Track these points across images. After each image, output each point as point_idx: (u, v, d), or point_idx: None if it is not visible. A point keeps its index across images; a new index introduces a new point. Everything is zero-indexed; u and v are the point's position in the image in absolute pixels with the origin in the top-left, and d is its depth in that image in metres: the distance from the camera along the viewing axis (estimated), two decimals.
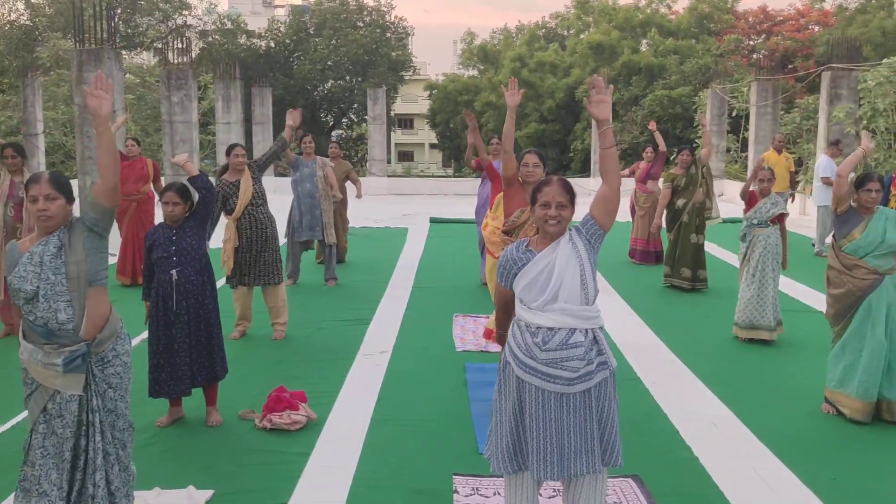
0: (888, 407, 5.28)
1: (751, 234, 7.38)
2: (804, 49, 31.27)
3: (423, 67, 50.29)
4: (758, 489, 4.39)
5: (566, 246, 3.38)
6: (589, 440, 3.33)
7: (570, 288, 3.32)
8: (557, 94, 32.99)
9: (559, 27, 40.75)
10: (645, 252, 11.51)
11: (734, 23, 35.19)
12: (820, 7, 35.55)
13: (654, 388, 6.10)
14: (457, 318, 8.17)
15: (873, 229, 5.22)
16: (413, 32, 40.29)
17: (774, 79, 20.23)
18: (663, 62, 31.57)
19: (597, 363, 3.35)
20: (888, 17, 30.76)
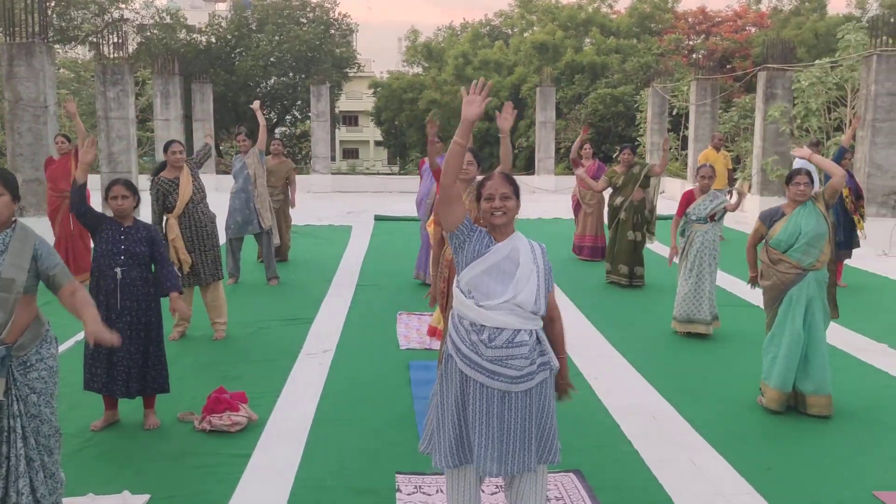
0: (802, 399, 5.43)
1: (689, 230, 7.53)
2: (742, 49, 31.99)
3: (367, 64, 50.06)
4: (695, 481, 4.47)
5: (527, 253, 3.41)
6: (527, 439, 3.36)
7: (526, 295, 3.34)
8: (502, 92, 33.12)
9: (503, 25, 40.94)
10: (594, 248, 11.64)
11: (674, 23, 35.83)
12: (756, 9, 36.43)
13: (595, 383, 6.16)
14: (401, 317, 8.14)
15: (791, 223, 5.36)
16: (357, 29, 40.08)
17: (713, 78, 20.64)
18: (606, 61, 31.98)
19: (539, 363, 3.39)
20: (820, 20, 31.67)
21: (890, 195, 13.23)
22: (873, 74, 13.14)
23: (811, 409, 5.40)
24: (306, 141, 34.56)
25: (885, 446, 4.97)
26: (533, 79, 31.04)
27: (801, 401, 5.45)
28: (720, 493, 4.32)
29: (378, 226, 15.48)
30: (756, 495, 4.28)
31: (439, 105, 34.85)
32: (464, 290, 3.40)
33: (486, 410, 3.33)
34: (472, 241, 3.39)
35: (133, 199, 5.11)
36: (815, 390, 5.38)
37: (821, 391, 5.38)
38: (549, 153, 24.27)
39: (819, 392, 5.38)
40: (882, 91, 13.04)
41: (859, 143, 13.56)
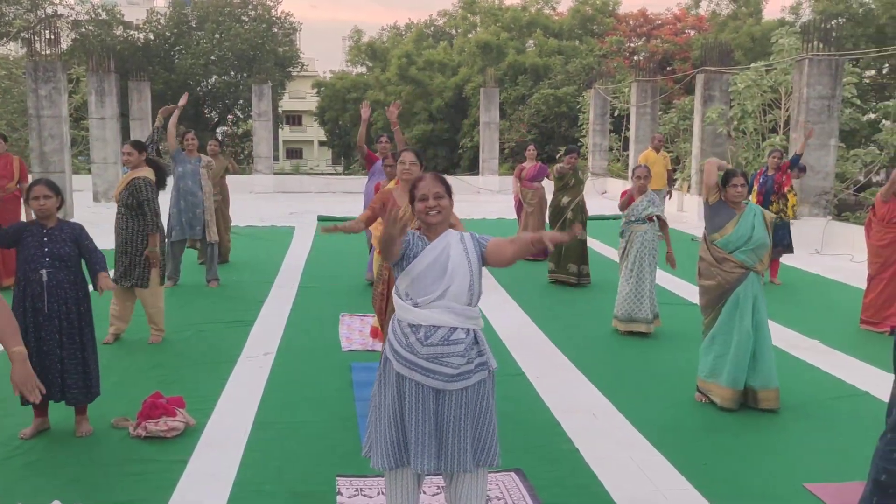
0: (753, 395, 5.55)
1: (629, 230, 7.64)
2: (681, 52, 32.64)
3: (311, 64, 49.62)
4: (635, 477, 4.53)
5: (458, 245, 3.44)
6: (462, 439, 3.37)
7: (458, 287, 3.36)
8: (446, 92, 33.22)
9: (447, 26, 41.03)
10: None
11: (615, 25, 36.37)
12: (695, 13, 37.18)
13: (537, 381, 6.20)
14: (343, 318, 8.08)
15: (743, 225, 5.47)
16: (300, 28, 39.73)
17: (653, 80, 21.00)
18: (548, 62, 32.28)
19: (476, 363, 3.41)
20: (756, 25, 32.47)
21: (822, 195, 13.63)
22: (805, 78, 13.51)
23: (762, 403, 5.52)
24: (248, 141, 34.08)
25: (816, 440, 5.11)
26: (477, 79, 31.19)
27: (751, 396, 5.56)
28: (658, 488, 4.38)
29: (321, 226, 15.33)
30: (692, 490, 4.35)
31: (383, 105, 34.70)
32: (401, 294, 3.42)
33: (421, 408, 3.36)
34: (409, 249, 3.42)
35: (56, 199, 4.98)
36: (765, 385, 5.51)
37: (770, 385, 5.52)
38: (493, 153, 24.39)
39: (768, 386, 5.51)
40: (813, 94, 13.42)
41: (792, 145, 13.92)
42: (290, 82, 41.27)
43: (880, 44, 22.81)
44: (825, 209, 13.66)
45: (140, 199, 6.82)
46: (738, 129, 17.28)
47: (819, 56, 13.44)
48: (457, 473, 3.45)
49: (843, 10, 25.84)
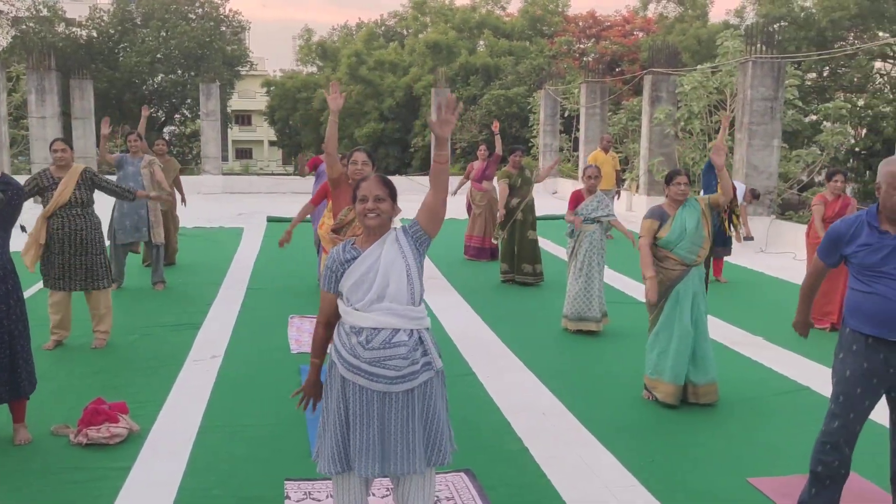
0: (694, 390, 5.64)
1: (578, 230, 7.70)
2: (630, 54, 33.05)
3: (260, 63, 49.08)
4: (583, 475, 4.56)
5: (392, 245, 3.41)
6: (411, 441, 3.35)
7: (396, 287, 3.34)
8: (397, 92, 33.16)
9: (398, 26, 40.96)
10: (480, 249, 11.74)
11: (565, 26, 36.68)
12: (643, 15, 37.70)
13: (487, 381, 6.21)
14: (293, 320, 8.00)
15: (678, 221, 5.56)
16: (249, 27, 39.29)
17: (602, 81, 21.24)
18: (499, 63, 32.43)
19: (421, 363, 3.39)
20: (703, 27, 33.06)
21: (766, 195, 13.92)
22: (749, 80, 13.80)
23: (702, 398, 5.61)
24: (196, 141, 33.58)
25: (760, 435, 5.21)
26: (427, 79, 31.19)
27: (691, 391, 5.64)
28: (606, 486, 4.42)
29: (271, 227, 15.18)
30: (640, 487, 4.40)
31: None
32: (343, 298, 3.40)
33: (365, 412, 3.33)
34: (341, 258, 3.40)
35: None
36: (706, 380, 5.61)
37: (710, 380, 5.61)
38: None
39: (709, 381, 5.61)
40: (757, 96, 13.71)
41: (737, 146, 14.21)
42: (239, 81, 40.77)
43: (821, 47, 23.41)
44: (769, 208, 13.96)
45: (98, 185, 6.80)
46: (684, 129, 17.57)
47: (762, 58, 13.73)
48: (404, 476, 3.42)
49: (785, 14, 26.45)
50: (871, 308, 3.67)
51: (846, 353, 3.78)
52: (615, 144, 22.23)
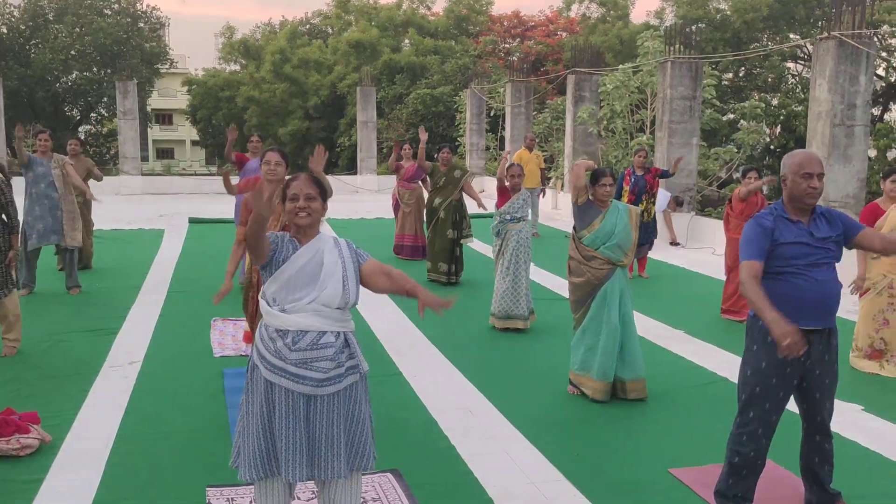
0: (622, 386, 5.73)
1: (504, 229, 7.73)
2: (554, 53, 33.47)
3: (181, 60, 47.94)
4: (509, 471, 4.58)
5: (333, 250, 3.39)
6: (336, 445, 3.32)
7: (332, 291, 3.31)
8: (322, 91, 32.82)
9: (322, 24, 40.56)
10: (413, 247, 11.70)
11: (490, 26, 36.93)
12: (566, 15, 38.22)
13: (414, 381, 6.19)
14: (215, 323, 7.82)
15: (608, 222, 5.64)
16: (168, 23, 38.32)
17: (527, 81, 21.45)
18: (424, 62, 32.43)
19: (347, 366, 3.36)
20: (624, 28, 33.70)
21: (686, 191, 14.28)
22: (668, 79, 14.12)
23: (631, 393, 5.69)
24: (114, 140, 32.57)
25: (681, 427, 5.32)
26: (352, 77, 30.96)
27: (620, 388, 5.73)
28: (532, 481, 4.45)
29: (192, 229, 14.81)
30: (564, 481, 4.44)
31: (257, 102, 33.99)
32: (268, 299, 3.33)
33: (292, 415, 3.28)
34: (278, 252, 3.33)
35: None
36: (633, 376, 5.69)
37: (638, 376, 5.70)
38: (371, 153, 24.29)
39: (637, 377, 5.70)
40: (676, 95, 14.04)
41: (658, 144, 14.53)
42: (158, 79, 39.73)
43: (736, 48, 24.14)
44: (689, 205, 14.32)
45: (4, 201, 6.49)
46: (607, 128, 17.90)
47: (680, 59, 14.07)
48: (328, 479, 3.38)
49: (702, 16, 27.19)
50: (786, 298, 3.76)
51: (760, 344, 3.85)
52: (540, 143, 22.50)
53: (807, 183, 3.75)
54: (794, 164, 3.79)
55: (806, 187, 3.75)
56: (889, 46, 22.85)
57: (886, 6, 21.44)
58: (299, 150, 33.00)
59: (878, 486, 4.45)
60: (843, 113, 10.59)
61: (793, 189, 3.81)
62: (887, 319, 6.40)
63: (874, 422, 5.42)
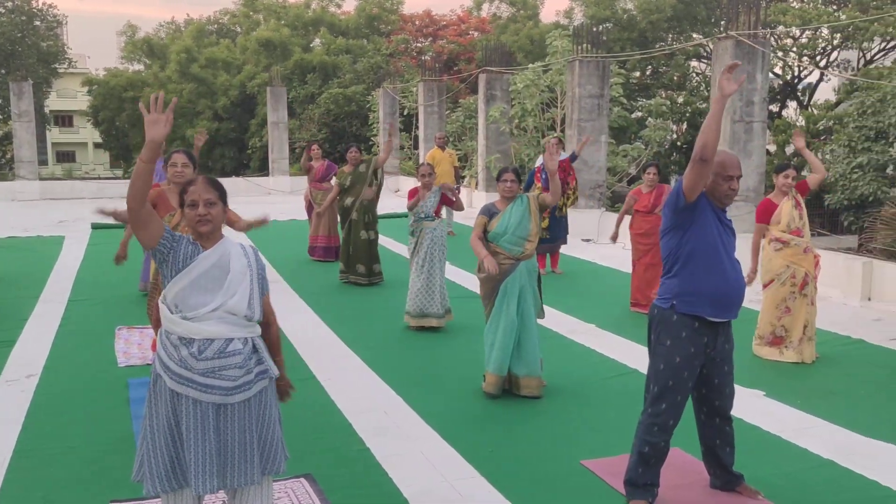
0: (516, 381, 5.77)
1: (419, 227, 7.71)
2: (466, 53, 33.66)
3: (81, 60, 46.14)
4: (425, 471, 4.57)
5: (240, 258, 3.29)
6: (249, 451, 3.23)
7: (239, 299, 3.22)
8: (231, 91, 32.12)
9: (230, 23, 39.73)
10: (327, 248, 11.55)
11: (401, 25, 36.87)
12: (478, 15, 38.51)
13: (328, 384, 6.11)
14: (120, 331, 7.54)
15: (506, 215, 5.69)
16: (66, 21, 36.83)
17: (439, 80, 21.49)
18: (336, 61, 32.13)
19: (256, 372, 3.29)
20: (535, 27, 34.17)
21: (596, 188, 14.56)
22: (577, 78, 14.37)
23: (523, 390, 5.74)
24: (8, 144, 31.10)
25: (592, 418, 5.41)
26: (262, 77, 30.40)
27: (514, 383, 5.77)
28: (447, 479, 4.44)
29: (95, 234, 14.24)
30: (479, 478, 4.46)
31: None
32: (170, 305, 3.20)
33: (201, 426, 3.17)
34: (177, 252, 3.20)
35: None
36: (528, 373, 5.73)
37: (532, 374, 5.74)
38: (283, 154, 23.93)
39: (531, 374, 5.74)
40: (584, 93, 14.30)
41: (568, 142, 14.77)
42: (57, 80, 38.16)
43: (643, 47, 24.77)
44: (599, 201, 14.61)
45: None
46: (519, 126, 18.09)
47: (588, 58, 14.34)
48: (242, 487, 3.29)
49: (610, 16, 27.78)
50: (708, 291, 3.85)
51: (674, 339, 3.93)
52: (454, 142, 22.59)
53: (727, 185, 3.86)
54: (716, 165, 3.87)
55: (727, 189, 3.87)
56: (785, 46, 23.83)
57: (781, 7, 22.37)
58: (208, 152, 32.24)
59: (779, 467, 4.62)
60: (742, 110, 10.98)
61: (713, 189, 3.90)
62: (789, 307, 6.66)
63: (774, 406, 5.63)
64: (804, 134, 7.58)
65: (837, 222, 15.53)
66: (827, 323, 7.63)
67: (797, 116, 24.88)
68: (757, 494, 4.17)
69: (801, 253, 6.63)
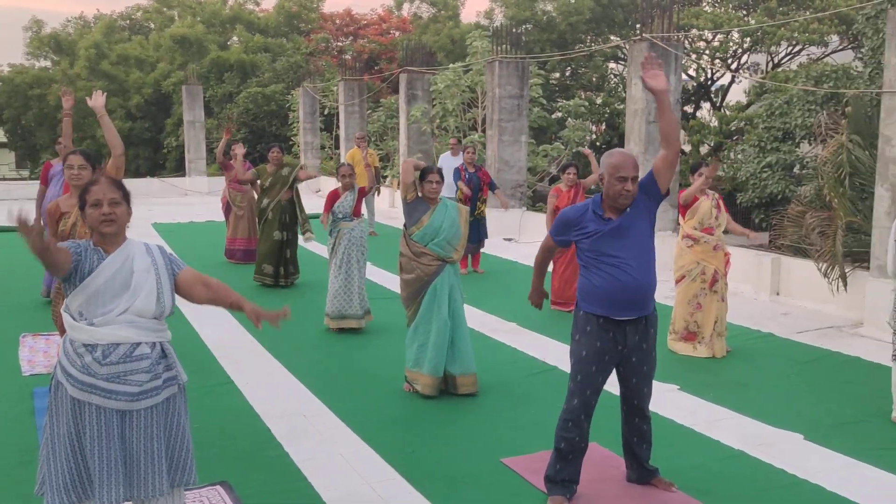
0: (453, 381, 5.78)
1: (336, 228, 7.62)
2: (388, 52, 33.53)
3: None
4: (344, 473, 4.52)
5: (143, 258, 3.19)
6: (156, 461, 3.14)
7: (145, 300, 3.13)
8: (145, 89, 31.19)
9: (143, 19, 38.60)
10: (246, 251, 11.31)
11: (322, 24, 36.49)
12: (398, 15, 38.43)
13: (246, 389, 5.98)
14: (24, 339, 7.23)
15: (436, 218, 5.67)
16: None
17: (360, 79, 21.36)
18: (254, 59, 31.56)
19: (164, 378, 3.21)
20: (456, 28, 34.29)
21: (517, 188, 14.70)
22: (496, 78, 14.48)
23: (461, 388, 5.74)
24: None
25: (513, 416, 5.45)
26: (177, 75, 29.63)
27: (451, 383, 5.77)
28: (367, 482, 4.40)
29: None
30: (400, 479, 4.43)
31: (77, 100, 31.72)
32: (73, 313, 3.09)
33: (105, 434, 3.08)
34: (82, 265, 3.10)
35: None
36: (463, 371, 5.74)
37: (468, 371, 5.75)
38: (199, 154, 23.40)
39: (466, 372, 5.75)
40: (504, 94, 14.42)
41: (489, 142, 14.87)
42: None
43: (562, 48, 25.11)
44: (520, 201, 14.75)
45: None
46: (440, 126, 18.13)
47: (507, 58, 14.46)
48: (150, 499, 3.19)
49: (530, 17, 28.09)
50: (600, 291, 3.93)
51: (581, 334, 4.02)
52: (376, 142, 22.48)
53: (621, 185, 3.92)
54: (611, 166, 3.94)
55: (620, 189, 3.92)
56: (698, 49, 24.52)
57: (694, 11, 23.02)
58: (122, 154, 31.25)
59: (691, 458, 4.74)
60: (657, 111, 11.22)
61: (608, 189, 3.97)
62: (700, 304, 6.84)
63: (688, 399, 5.78)
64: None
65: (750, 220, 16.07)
66: (738, 317, 7.88)
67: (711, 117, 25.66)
68: (671, 487, 4.26)
69: (711, 251, 6.82)
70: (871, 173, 8.10)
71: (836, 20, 20.54)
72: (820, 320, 8.06)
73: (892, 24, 7.57)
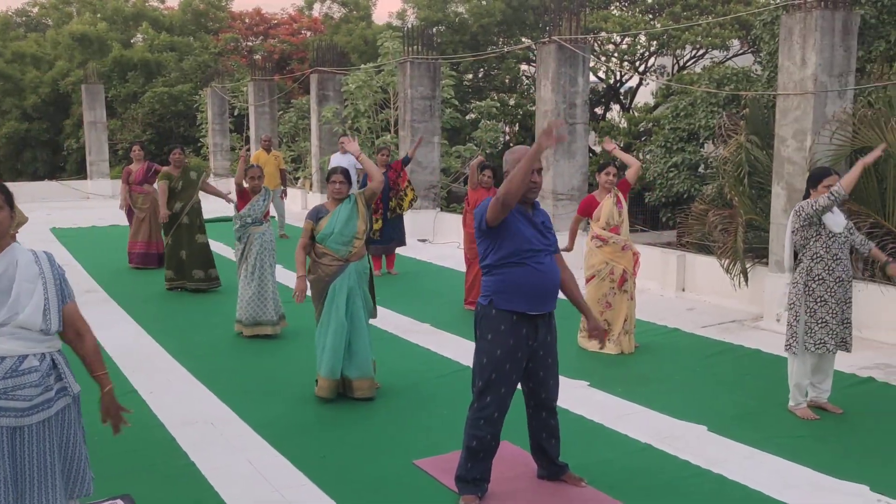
0: (349, 384, 5.70)
1: (246, 233, 7.44)
2: (299, 52, 33.11)
3: None
4: (254, 482, 4.42)
5: (30, 266, 3.03)
6: (49, 476, 3.00)
7: (32, 312, 2.97)
8: (42, 88, 29.91)
9: (39, 15, 37.03)
10: (146, 255, 10.95)
11: (231, 23, 35.77)
12: (309, 15, 38.01)
13: (151, 397, 5.79)
14: None
15: (333, 218, 5.61)
16: None
17: (270, 79, 21.01)
18: (160, 58, 30.68)
19: (56, 389, 3.06)
20: (368, 28, 34.14)
21: (430, 189, 14.71)
22: (408, 79, 14.45)
23: (356, 392, 5.67)
24: None
25: (426, 417, 5.43)
26: (77, 74, 28.54)
27: (347, 386, 5.70)
28: (276, 489, 4.32)
29: None
30: (310, 485, 4.36)
31: None
32: None
33: None
34: None
35: None
36: (360, 375, 5.67)
37: (365, 375, 5.69)
38: (102, 155, 22.61)
39: (363, 377, 5.68)
40: (416, 95, 14.40)
41: (402, 142, 14.84)
42: None
43: (474, 49, 25.30)
44: (434, 201, 14.77)
45: None
46: (352, 127, 18.00)
47: (419, 59, 14.46)
48: None
49: (442, 19, 28.21)
50: (525, 287, 3.94)
51: (494, 333, 4.01)
52: (288, 143, 22.17)
53: (528, 178, 3.93)
54: (514, 161, 3.98)
55: (528, 182, 3.94)
56: (607, 51, 25.08)
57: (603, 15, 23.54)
58: (17, 154, 29.92)
59: (599, 453, 4.82)
60: (566, 112, 11.42)
61: None
62: (609, 303, 6.97)
63: (597, 395, 5.88)
64: (611, 140, 7.99)
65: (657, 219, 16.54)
66: (646, 314, 8.07)
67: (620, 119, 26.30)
68: (580, 482, 4.32)
69: (620, 251, 6.96)
70: (769, 172, 8.43)
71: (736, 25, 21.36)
72: (723, 315, 8.34)
73: (786, 30, 7.91)
